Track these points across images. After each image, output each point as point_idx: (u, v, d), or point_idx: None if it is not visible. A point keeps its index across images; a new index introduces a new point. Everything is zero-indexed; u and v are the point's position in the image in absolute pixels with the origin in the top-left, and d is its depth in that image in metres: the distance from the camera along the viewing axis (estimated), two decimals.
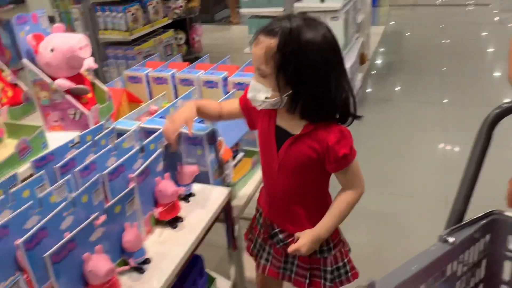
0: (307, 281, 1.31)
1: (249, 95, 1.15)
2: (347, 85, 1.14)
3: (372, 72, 4.48)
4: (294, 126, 1.17)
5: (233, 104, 1.35)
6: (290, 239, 1.28)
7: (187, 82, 1.82)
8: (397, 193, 2.58)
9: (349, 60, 3.55)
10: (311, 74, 1.07)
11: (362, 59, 4.26)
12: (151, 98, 1.88)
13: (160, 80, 1.85)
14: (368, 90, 4.10)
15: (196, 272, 1.34)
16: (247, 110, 1.29)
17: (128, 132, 1.35)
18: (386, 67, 4.64)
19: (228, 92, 1.75)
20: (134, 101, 1.81)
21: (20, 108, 1.54)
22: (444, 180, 2.65)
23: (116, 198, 1.01)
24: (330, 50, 1.09)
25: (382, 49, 5.15)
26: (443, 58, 4.65)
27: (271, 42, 1.06)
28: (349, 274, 1.32)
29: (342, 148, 1.12)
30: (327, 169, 1.18)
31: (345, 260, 1.31)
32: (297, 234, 1.23)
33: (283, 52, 1.05)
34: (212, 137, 1.39)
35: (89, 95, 1.45)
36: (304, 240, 1.20)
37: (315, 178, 1.22)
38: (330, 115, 1.15)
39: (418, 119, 3.45)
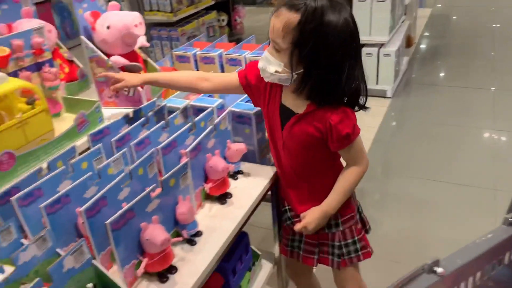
0: (316, 257, 1.32)
1: (260, 64, 1.14)
2: (360, 74, 1.12)
3: (418, 56, 4.35)
4: (298, 105, 1.16)
5: (227, 77, 1.34)
6: (296, 218, 1.29)
7: (234, 62, 1.82)
8: (442, 179, 2.52)
9: (396, 43, 3.46)
10: (327, 56, 1.06)
11: (408, 42, 4.14)
12: None
13: (207, 60, 1.87)
14: (414, 74, 3.99)
15: (242, 248, 1.37)
16: (248, 86, 1.28)
17: (179, 110, 1.38)
18: (433, 51, 4.49)
19: None
20: None
21: (76, 84, 1.61)
22: (492, 168, 2.57)
23: (171, 171, 1.04)
24: (350, 36, 1.07)
25: (428, 33, 4.98)
26: (492, 43, 4.46)
27: (293, 16, 1.04)
28: (360, 252, 1.31)
29: (345, 128, 1.12)
30: (330, 147, 1.18)
31: (356, 237, 1.30)
32: (302, 215, 1.24)
33: (303, 29, 1.03)
34: (260, 116, 1.40)
35: (142, 72, 1.48)
36: (311, 217, 1.21)
37: (319, 156, 1.22)
38: (337, 101, 1.13)
39: (465, 105, 3.34)
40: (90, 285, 0.83)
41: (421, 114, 3.26)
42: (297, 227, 1.22)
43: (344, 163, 1.26)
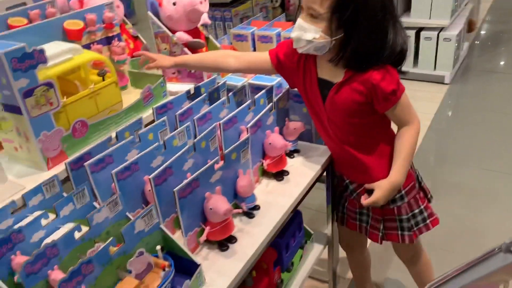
0: (380, 234, 1.30)
1: (294, 34, 1.11)
2: (402, 34, 1.10)
3: (479, 41, 4.14)
4: (336, 74, 1.14)
5: (258, 56, 1.32)
6: (360, 189, 1.28)
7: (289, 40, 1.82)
8: (498, 169, 2.42)
9: (457, 27, 3.32)
10: (368, 18, 1.03)
11: (470, 26, 3.95)
12: None
13: (265, 39, 1.88)
14: (474, 60, 3.82)
15: (295, 225, 1.39)
16: (280, 66, 1.26)
17: (239, 87, 1.40)
18: (495, 36, 4.26)
19: None
20: None
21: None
22: None
23: (234, 145, 1.06)
24: None
25: (491, 17, 4.72)
26: None
27: None
28: (428, 221, 1.28)
29: (389, 85, 1.09)
30: (377, 110, 1.15)
31: (422, 206, 1.28)
32: (367, 186, 1.22)
33: None
34: None
35: (204, 49, 1.52)
36: (381, 191, 1.18)
37: (368, 123, 1.19)
38: (376, 62, 1.09)
39: None
40: (159, 247, 0.88)
41: (479, 102, 3.12)
42: (367, 202, 1.19)
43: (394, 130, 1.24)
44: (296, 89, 1.33)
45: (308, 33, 1.07)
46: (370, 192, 1.22)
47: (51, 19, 1.24)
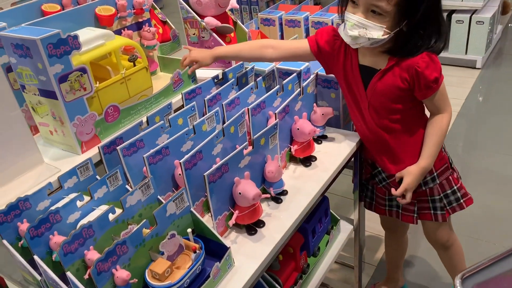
0: (415, 215, 1.32)
1: (354, 32, 1.09)
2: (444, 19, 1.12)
3: None
4: (378, 61, 1.16)
5: (296, 44, 1.31)
6: (391, 179, 1.30)
7: (320, 25, 1.80)
8: None
9: (490, 10, 3.20)
10: (431, 8, 1.05)
11: (504, 9, 3.81)
12: None
13: (292, 23, 1.86)
14: (507, 43, 3.69)
15: (322, 211, 1.39)
16: (320, 53, 1.26)
17: (267, 72, 1.40)
18: None
19: None
20: None
21: (168, 45, 1.68)
22: None
23: (262, 131, 1.07)
24: None
25: None
26: None
27: None
28: (462, 200, 1.30)
29: (433, 72, 1.10)
30: (417, 97, 1.16)
31: (455, 187, 1.29)
32: (397, 175, 1.24)
33: None
34: None
35: (232, 34, 1.52)
36: (411, 177, 1.20)
37: (407, 110, 1.20)
38: (427, 48, 1.10)
39: None
40: (190, 230, 0.90)
41: (511, 88, 3.03)
42: (398, 192, 1.22)
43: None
44: (331, 74, 1.33)
45: (371, 31, 1.07)
46: (400, 181, 1.25)
47: (83, 5, 1.26)
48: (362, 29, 1.07)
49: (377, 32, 1.06)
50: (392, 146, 1.25)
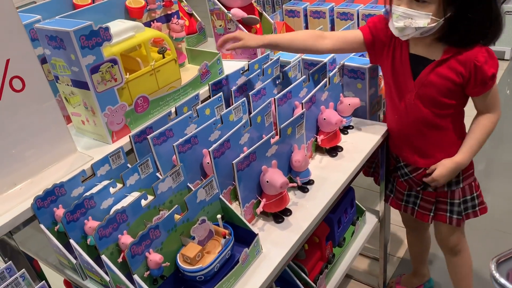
0: (431, 214, 1.30)
1: (400, 23, 1.07)
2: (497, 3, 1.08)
3: None
4: (433, 51, 1.12)
5: (349, 34, 1.27)
6: (415, 173, 1.28)
7: (345, 16, 1.79)
8: None
9: None
10: None
11: None
12: None
13: (317, 14, 1.86)
14: None
15: (347, 202, 1.39)
16: (373, 42, 1.23)
17: (292, 63, 1.40)
18: None
19: None
20: None
21: (194, 37, 1.71)
22: None
23: (289, 120, 1.08)
24: None
25: None
26: None
27: None
28: (477, 208, 1.28)
29: (491, 68, 1.06)
30: (468, 94, 1.13)
31: (475, 193, 1.27)
32: (432, 167, 1.22)
33: None
34: (374, 71, 1.38)
35: (258, 25, 1.53)
36: (443, 170, 1.19)
37: (454, 105, 1.16)
38: (483, 38, 1.07)
39: None
40: (219, 216, 0.91)
41: None
42: (428, 178, 1.21)
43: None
44: (359, 64, 1.33)
45: (417, 20, 1.05)
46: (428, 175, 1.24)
47: None
48: (408, 19, 1.06)
49: (423, 20, 1.04)
50: (428, 140, 1.23)
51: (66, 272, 1.02)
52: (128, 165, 1.09)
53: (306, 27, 1.91)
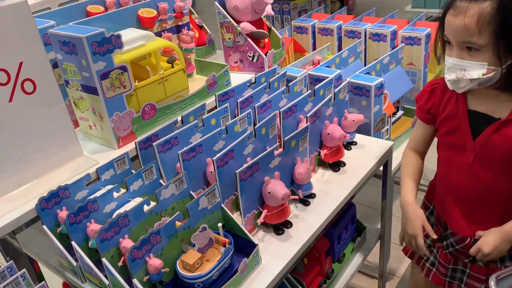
0: None
1: (452, 76, 0.97)
2: None
3: None
4: (497, 107, 0.99)
5: (423, 132, 1.18)
6: (462, 244, 1.13)
7: (352, 35, 1.82)
8: None
9: None
10: None
11: None
12: (314, 49, 1.94)
13: (325, 31, 1.89)
14: None
15: (348, 218, 1.40)
16: (433, 116, 1.12)
17: (299, 77, 1.42)
18: None
19: (395, 47, 1.72)
20: (298, 51, 1.88)
21: (203, 49, 1.74)
22: None
23: (293, 133, 1.09)
24: None
25: None
26: None
27: (485, 6, 0.89)
28: None
29: None
30: None
31: None
32: (478, 233, 1.08)
33: (505, 14, 0.88)
34: (379, 89, 1.40)
35: (266, 40, 1.55)
36: (490, 239, 1.02)
37: None
38: None
39: None
40: (220, 224, 0.92)
41: None
42: (472, 249, 1.05)
43: None
44: (362, 82, 1.30)
45: (471, 71, 0.94)
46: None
47: (126, 7, 1.32)
48: (460, 71, 0.95)
49: (478, 71, 0.93)
50: (485, 206, 1.08)
51: (66, 274, 1.02)
52: (133, 171, 1.10)
53: (314, 44, 1.93)
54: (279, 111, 1.21)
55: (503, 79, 0.93)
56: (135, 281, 0.80)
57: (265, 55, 1.51)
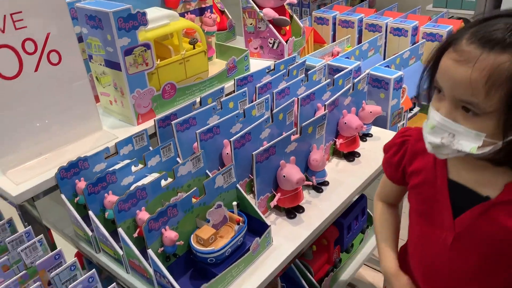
0: None
1: (433, 139, 0.71)
2: None
3: None
4: (485, 182, 0.75)
5: (388, 189, 1.00)
6: None
7: (373, 28, 1.81)
8: None
9: None
10: None
11: None
12: (333, 40, 1.94)
13: (346, 24, 1.88)
14: None
15: (359, 209, 1.41)
16: (400, 173, 0.90)
17: (318, 66, 1.43)
18: None
19: (415, 42, 1.71)
20: (317, 41, 1.88)
21: (224, 34, 1.74)
22: None
23: (311, 120, 1.10)
24: None
25: None
26: None
27: (502, 60, 0.63)
28: None
29: None
30: None
31: None
32: None
33: None
34: (398, 83, 1.40)
35: (287, 27, 1.56)
36: None
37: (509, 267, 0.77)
38: None
39: None
40: (235, 203, 0.94)
41: None
42: None
43: None
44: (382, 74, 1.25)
45: (462, 140, 0.69)
46: None
47: None
48: (448, 136, 0.70)
49: (471, 142, 0.68)
50: None
51: (80, 244, 1.05)
52: (150, 148, 1.12)
53: (334, 35, 1.93)
54: (297, 98, 1.22)
55: (500, 154, 0.69)
56: (150, 251, 0.82)
57: (286, 42, 1.52)
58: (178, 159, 1.10)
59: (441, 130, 0.70)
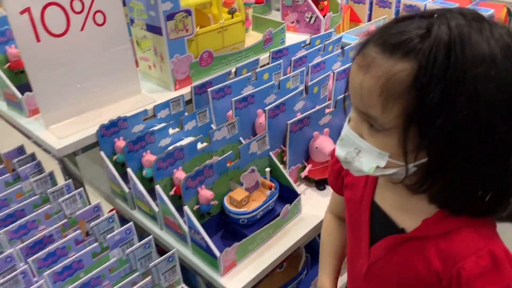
0: None
1: (340, 152, 0.62)
2: None
3: None
4: (404, 212, 0.65)
5: (334, 197, 0.86)
6: None
7: (411, 9, 1.78)
8: None
9: None
10: (478, 134, 0.52)
11: None
12: (369, 20, 1.92)
13: (383, 3, 1.86)
14: None
15: None
16: (341, 183, 0.78)
17: (353, 44, 1.42)
18: None
19: None
20: (353, 20, 1.86)
21: (260, 7, 1.75)
22: None
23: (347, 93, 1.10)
24: None
25: None
26: None
27: (400, 68, 0.51)
28: None
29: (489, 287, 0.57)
30: None
31: None
32: None
33: (426, 90, 0.50)
34: None
35: (325, 2, 1.55)
36: None
37: None
38: (483, 212, 0.59)
39: None
40: (268, 169, 0.96)
41: None
42: None
43: None
44: None
45: (364, 158, 0.59)
46: None
47: None
48: (353, 151, 0.60)
49: (372, 162, 0.58)
50: None
51: (116, 201, 1.09)
52: (186, 113, 1.15)
53: (370, 15, 1.91)
54: (333, 72, 1.22)
55: (411, 180, 0.58)
56: (186, 208, 0.85)
57: (323, 17, 1.51)
58: (212, 125, 1.12)
59: (348, 144, 0.60)
